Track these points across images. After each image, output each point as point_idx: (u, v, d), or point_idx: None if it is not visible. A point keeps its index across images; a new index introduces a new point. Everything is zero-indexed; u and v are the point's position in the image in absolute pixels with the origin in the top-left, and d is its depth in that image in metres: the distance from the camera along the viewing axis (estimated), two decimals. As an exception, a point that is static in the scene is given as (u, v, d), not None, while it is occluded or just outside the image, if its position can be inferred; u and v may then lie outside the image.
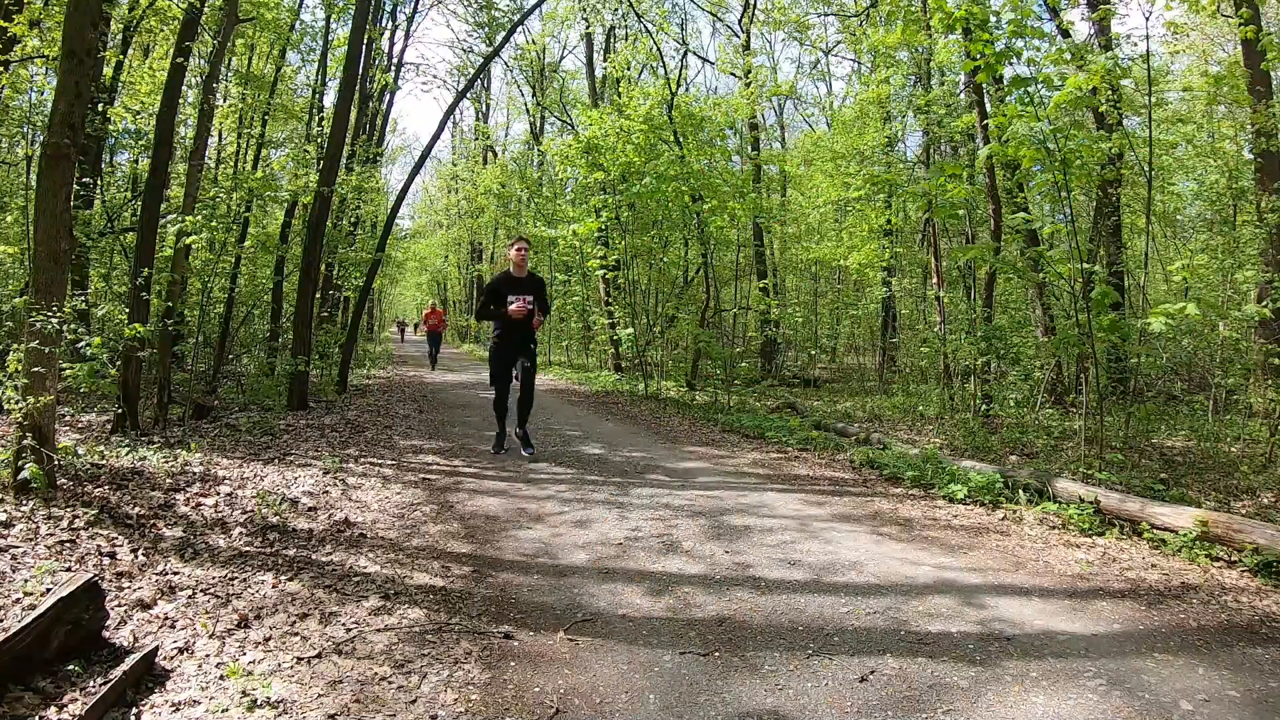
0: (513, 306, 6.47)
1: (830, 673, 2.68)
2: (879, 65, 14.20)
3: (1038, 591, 3.54)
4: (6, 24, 6.92)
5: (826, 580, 3.66)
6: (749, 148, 19.22)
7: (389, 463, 6.45)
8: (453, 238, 35.19)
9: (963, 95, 13.17)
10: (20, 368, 4.29)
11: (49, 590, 2.77)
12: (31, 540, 3.56)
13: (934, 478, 5.80)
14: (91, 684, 2.39)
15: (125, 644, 2.70)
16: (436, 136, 13.21)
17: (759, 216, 16.25)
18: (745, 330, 20.10)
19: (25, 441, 4.19)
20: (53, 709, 2.26)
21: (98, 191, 9.81)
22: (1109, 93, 8.73)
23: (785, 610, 3.26)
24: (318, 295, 10.85)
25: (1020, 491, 5.32)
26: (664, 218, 14.39)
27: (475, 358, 25.03)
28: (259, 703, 2.38)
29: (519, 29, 15.06)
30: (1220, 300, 8.67)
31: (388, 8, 15.01)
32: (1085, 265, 6.36)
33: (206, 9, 8.11)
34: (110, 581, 3.21)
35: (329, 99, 14.35)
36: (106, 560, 3.47)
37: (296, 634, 2.90)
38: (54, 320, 4.22)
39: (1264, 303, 7.57)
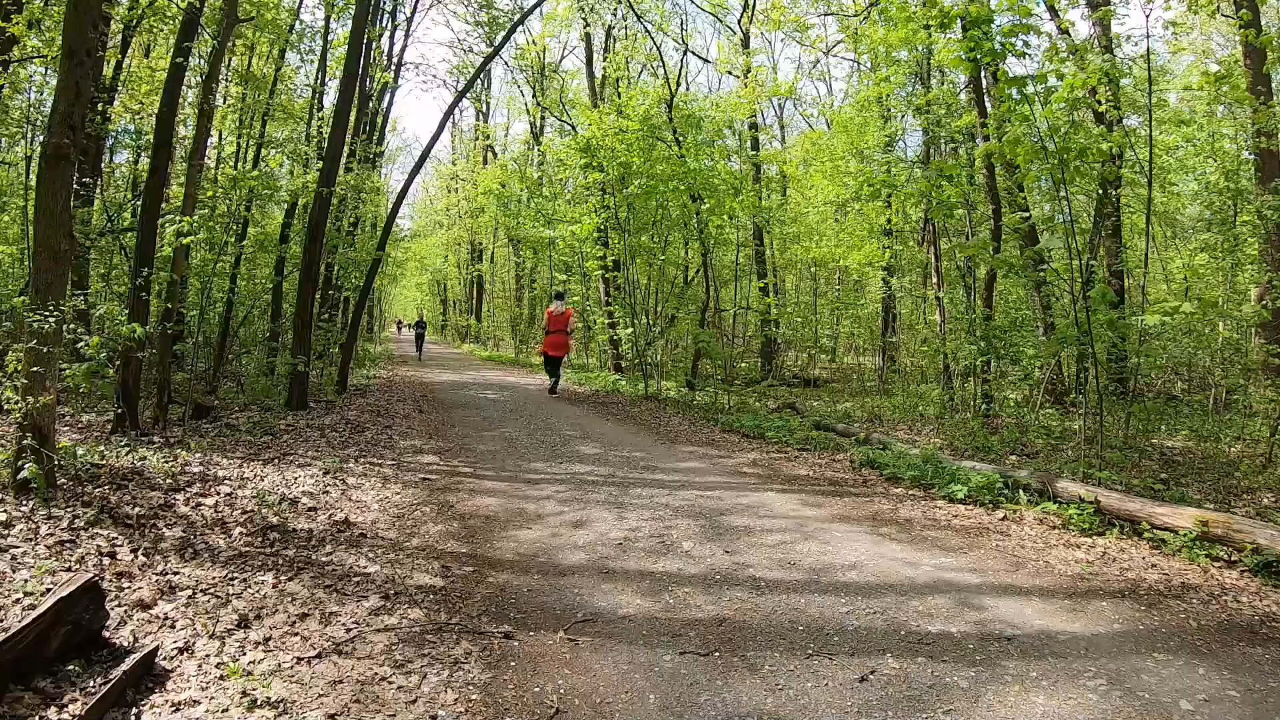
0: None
1: (830, 673, 2.68)
2: (878, 64, 14.20)
3: (1038, 592, 3.54)
4: (6, 24, 6.92)
5: (826, 580, 3.66)
6: (748, 147, 19.21)
7: (389, 463, 6.45)
8: (453, 238, 35.16)
9: (963, 95, 13.16)
10: (20, 368, 4.28)
11: (49, 590, 2.77)
12: (31, 540, 3.56)
13: (934, 478, 5.79)
14: (91, 684, 2.39)
15: (125, 644, 2.70)
16: (436, 136, 13.21)
17: (756, 216, 16.25)
18: (745, 330, 20.10)
19: (25, 441, 4.19)
20: (53, 709, 2.26)
21: (98, 191, 9.80)
22: (1106, 92, 8.73)
23: (785, 610, 3.26)
24: (317, 295, 10.84)
25: (1020, 491, 5.32)
26: (663, 218, 14.39)
27: (477, 358, 25.06)
28: (259, 703, 2.38)
29: (519, 29, 15.04)
30: (1220, 300, 8.66)
31: (387, 7, 14.99)
32: (1085, 261, 6.36)
33: (206, 9, 8.10)
34: (110, 581, 3.21)
35: (329, 99, 14.34)
36: (106, 560, 3.47)
37: (296, 634, 2.90)
38: (51, 320, 4.21)
39: (1264, 302, 7.57)
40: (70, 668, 2.47)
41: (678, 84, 15.84)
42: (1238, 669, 2.74)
